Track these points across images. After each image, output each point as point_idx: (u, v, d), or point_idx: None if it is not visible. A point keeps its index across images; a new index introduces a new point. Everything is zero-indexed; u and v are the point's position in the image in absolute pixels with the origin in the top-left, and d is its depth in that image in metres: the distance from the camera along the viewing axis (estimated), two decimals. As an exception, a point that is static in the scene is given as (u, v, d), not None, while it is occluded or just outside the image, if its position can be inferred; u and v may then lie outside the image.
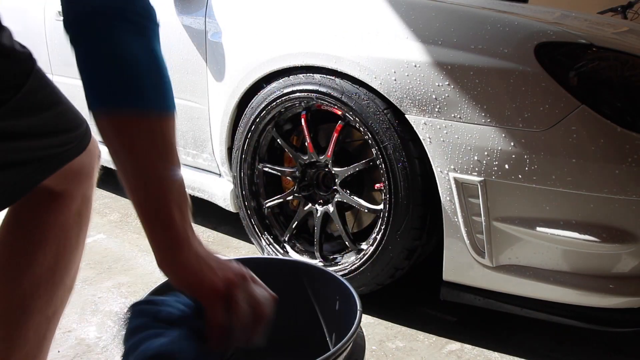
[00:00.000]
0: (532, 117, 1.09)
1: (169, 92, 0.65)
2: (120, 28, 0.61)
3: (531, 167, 1.10)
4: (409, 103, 1.22)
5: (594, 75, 1.10)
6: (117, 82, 0.61)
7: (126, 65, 0.62)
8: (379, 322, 1.42)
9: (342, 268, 1.45)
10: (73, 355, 1.26)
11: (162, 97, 0.64)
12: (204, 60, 1.68)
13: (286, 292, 1.11)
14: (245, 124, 1.57)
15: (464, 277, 1.26)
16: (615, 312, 1.15)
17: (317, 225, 1.52)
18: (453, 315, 1.46)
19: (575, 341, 1.37)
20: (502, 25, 1.15)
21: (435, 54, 1.18)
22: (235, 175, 1.65)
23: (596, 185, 1.07)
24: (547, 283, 1.17)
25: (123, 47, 0.62)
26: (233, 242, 1.93)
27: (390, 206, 1.31)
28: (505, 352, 1.30)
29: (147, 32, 0.64)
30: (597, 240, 1.10)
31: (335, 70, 1.35)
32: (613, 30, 1.53)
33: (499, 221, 1.17)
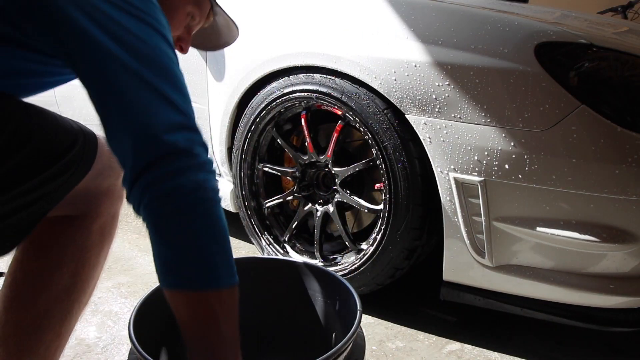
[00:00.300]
0: (532, 117, 1.09)
1: (232, 260, 0.68)
2: (189, 198, 0.63)
3: (531, 167, 1.10)
4: (409, 103, 1.22)
5: (594, 75, 1.10)
6: (193, 265, 0.64)
7: (200, 243, 0.64)
8: (379, 322, 1.42)
9: (342, 268, 1.45)
10: (73, 355, 1.26)
11: (231, 269, 0.67)
12: (204, 60, 1.68)
13: (286, 292, 1.11)
14: (245, 124, 1.57)
15: (464, 277, 1.26)
16: (615, 312, 1.15)
17: (317, 225, 1.52)
18: (453, 315, 1.46)
19: (575, 341, 1.37)
20: (502, 25, 1.15)
21: (435, 54, 1.18)
22: (235, 175, 1.65)
23: (596, 185, 1.07)
24: (547, 283, 1.17)
25: (193, 223, 0.64)
26: (233, 242, 1.92)
27: (390, 206, 1.31)
28: (505, 352, 1.30)
29: (211, 194, 0.66)
30: (597, 240, 1.10)
31: (335, 70, 1.35)
32: (613, 30, 1.53)
33: (499, 221, 1.17)
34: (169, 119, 0.63)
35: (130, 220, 2.09)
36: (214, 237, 0.66)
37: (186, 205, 0.63)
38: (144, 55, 0.63)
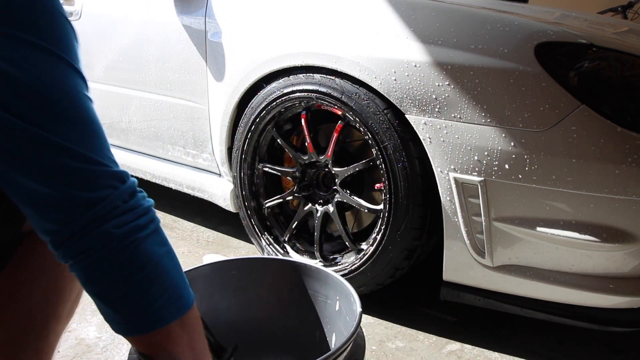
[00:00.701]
0: (532, 117, 1.09)
1: (181, 285, 0.65)
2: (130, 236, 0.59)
3: (531, 167, 1.10)
4: (409, 103, 1.22)
5: (594, 75, 1.11)
6: (136, 314, 0.61)
7: (133, 292, 0.60)
8: (379, 322, 1.42)
9: (342, 268, 1.45)
10: (73, 355, 1.26)
11: (179, 300, 0.64)
12: (204, 60, 1.68)
13: (286, 292, 1.11)
14: (245, 124, 1.57)
15: (464, 277, 1.26)
16: (615, 312, 1.15)
17: (317, 225, 1.52)
18: (453, 315, 1.46)
19: (575, 341, 1.37)
20: (502, 25, 1.15)
21: (435, 54, 1.18)
22: (235, 175, 1.65)
23: (596, 185, 1.07)
24: (547, 283, 1.17)
25: (116, 275, 0.59)
26: (233, 242, 1.93)
27: (390, 206, 1.31)
28: (505, 352, 1.30)
29: (151, 225, 0.62)
30: (597, 240, 1.10)
31: (335, 70, 1.35)
32: (613, 30, 1.53)
33: (499, 221, 1.17)
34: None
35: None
36: (148, 277, 0.61)
37: (101, 259, 0.58)
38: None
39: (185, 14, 1.71)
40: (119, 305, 0.61)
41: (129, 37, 1.88)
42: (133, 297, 0.61)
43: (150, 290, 0.61)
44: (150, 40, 1.83)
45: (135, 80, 1.89)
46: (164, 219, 2.11)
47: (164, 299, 0.62)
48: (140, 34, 1.85)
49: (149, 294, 0.61)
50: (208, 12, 1.65)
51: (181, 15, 1.72)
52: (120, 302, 0.61)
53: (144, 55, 1.85)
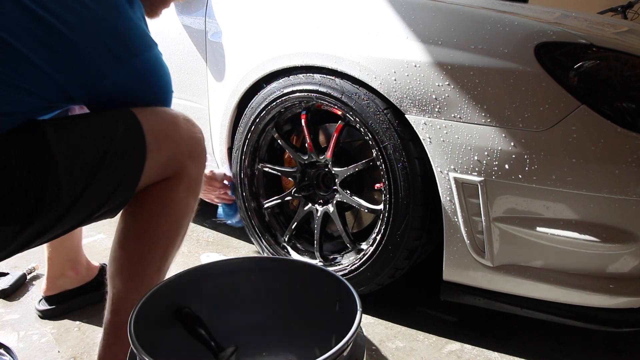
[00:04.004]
0: (532, 117, 1.09)
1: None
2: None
3: (531, 167, 1.10)
4: (409, 103, 1.22)
5: (594, 75, 1.10)
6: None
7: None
8: (379, 322, 1.42)
9: (342, 268, 1.45)
10: (73, 355, 1.26)
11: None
12: (204, 60, 1.68)
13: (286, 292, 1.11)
14: (245, 124, 1.57)
15: (464, 277, 1.26)
16: (615, 312, 1.15)
17: (317, 225, 1.52)
18: (453, 315, 1.46)
19: (575, 341, 1.37)
20: (502, 25, 1.15)
21: (435, 54, 1.18)
22: (235, 175, 1.65)
23: (596, 185, 1.07)
24: (547, 283, 1.17)
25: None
26: (233, 242, 1.93)
27: (390, 206, 1.31)
28: (505, 352, 1.30)
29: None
30: (597, 240, 1.10)
31: (335, 70, 1.35)
32: (613, 30, 1.53)
33: (499, 221, 1.17)
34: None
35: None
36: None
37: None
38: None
39: (185, 14, 1.71)
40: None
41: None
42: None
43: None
44: (150, 40, 1.83)
45: (135, 80, 1.88)
46: (164, 219, 2.11)
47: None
48: (140, 34, 1.85)
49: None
50: (208, 12, 1.65)
51: (181, 15, 1.72)
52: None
53: (144, 55, 1.85)
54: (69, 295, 1.43)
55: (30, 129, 0.78)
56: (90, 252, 1.51)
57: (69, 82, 0.81)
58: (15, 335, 1.33)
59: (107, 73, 0.83)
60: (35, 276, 1.62)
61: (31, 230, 0.79)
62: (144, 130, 0.88)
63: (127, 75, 0.86)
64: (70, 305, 1.43)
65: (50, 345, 1.29)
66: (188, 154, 0.96)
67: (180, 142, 0.94)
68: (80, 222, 0.88)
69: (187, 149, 0.96)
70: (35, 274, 1.63)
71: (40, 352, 1.27)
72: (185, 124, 0.97)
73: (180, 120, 0.97)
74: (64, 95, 0.82)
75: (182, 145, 0.95)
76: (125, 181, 0.87)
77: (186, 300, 1.02)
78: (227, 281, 1.09)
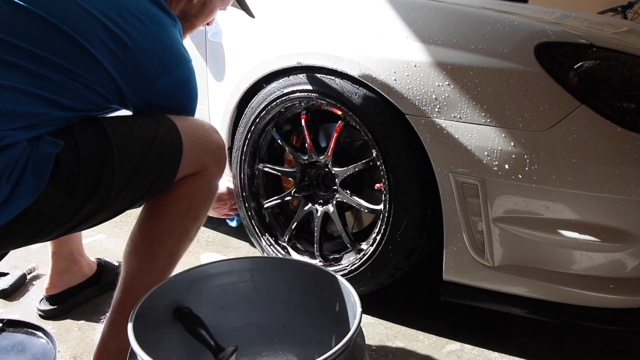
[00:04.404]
0: (532, 117, 1.09)
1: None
2: None
3: (531, 167, 1.10)
4: (409, 103, 1.22)
5: (594, 75, 1.10)
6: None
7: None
8: (379, 322, 1.42)
9: (342, 268, 1.45)
10: (73, 355, 1.26)
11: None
12: (204, 60, 1.69)
13: (286, 292, 1.11)
14: (245, 124, 1.57)
15: (464, 277, 1.26)
16: (615, 312, 1.15)
17: (317, 225, 1.52)
18: (453, 315, 1.46)
19: (575, 341, 1.37)
20: (502, 25, 1.15)
21: (435, 54, 1.18)
22: (235, 175, 1.65)
23: (596, 185, 1.07)
24: (547, 283, 1.17)
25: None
26: (233, 242, 1.93)
27: (390, 206, 1.31)
28: (505, 352, 1.30)
29: None
30: (597, 240, 1.10)
31: (335, 70, 1.35)
32: (613, 30, 1.53)
33: (499, 221, 1.17)
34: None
35: (131, 221, 2.09)
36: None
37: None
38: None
39: (185, 14, 1.71)
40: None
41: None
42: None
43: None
44: (150, 40, 1.83)
45: (135, 80, 1.89)
46: (164, 219, 2.11)
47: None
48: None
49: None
50: (208, 12, 1.65)
51: (181, 15, 1.72)
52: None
53: (144, 55, 1.85)
54: (72, 292, 1.43)
55: (91, 123, 0.94)
56: (90, 252, 1.52)
57: (126, 85, 0.95)
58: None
59: (155, 79, 0.98)
60: (35, 276, 1.62)
61: (89, 207, 0.92)
62: (180, 131, 1.02)
63: (170, 82, 1.01)
64: (73, 303, 1.43)
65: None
66: (212, 155, 1.09)
67: (207, 144, 1.09)
68: (127, 205, 1.01)
69: (212, 151, 1.09)
70: (35, 274, 1.63)
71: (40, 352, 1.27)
72: (210, 130, 1.12)
73: (207, 126, 1.13)
74: (121, 96, 0.96)
75: (208, 148, 1.09)
76: (165, 173, 1.01)
77: (186, 300, 1.02)
78: (227, 281, 1.09)
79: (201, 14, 1.21)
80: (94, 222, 0.99)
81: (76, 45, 0.88)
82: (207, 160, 1.08)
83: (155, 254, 1.05)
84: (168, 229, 1.05)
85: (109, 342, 1.04)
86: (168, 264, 1.07)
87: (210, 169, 1.09)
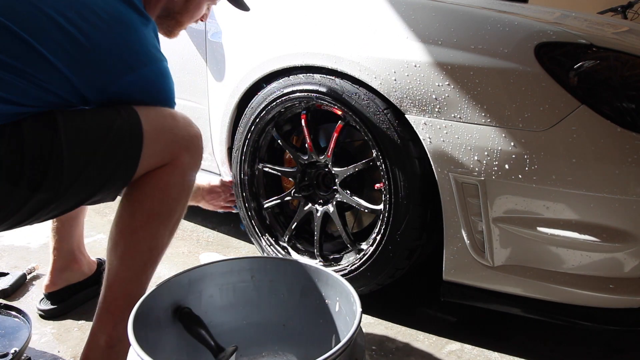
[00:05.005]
0: (532, 117, 1.09)
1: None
2: None
3: (531, 167, 1.10)
4: (409, 103, 1.22)
5: (594, 75, 1.10)
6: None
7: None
8: (379, 322, 1.42)
9: (342, 268, 1.45)
10: (73, 355, 1.26)
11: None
12: (204, 60, 1.68)
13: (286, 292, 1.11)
14: (245, 124, 1.57)
15: (464, 277, 1.26)
16: (615, 312, 1.15)
17: (317, 225, 1.52)
18: (453, 315, 1.46)
19: (575, 341, 1.37)
20: (502, 25, 1.15)
21: (435, 54, 1.18)
22: (235, 176, 1.65)
23: (596, 185, 1.07)
24: (547, 283, 1.17)
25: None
26: (233, 242, 1.93)
27: (390, 206, 1.31)
28: (505, 352, 1.30)
29: None
30: (597, 240, 1.10)
31: (335, 70, 1.35)
32: (613, 30, 1.53)
33: (499, 221, 1.17)
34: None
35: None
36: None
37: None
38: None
39: (185, 14, 1.71)
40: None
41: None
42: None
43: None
44: (150, 40, 1.83)
45: (135, 80, 1.89)
46: (164, 219, 2.11)
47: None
48: (140, 34, 1.85)
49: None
50: (208, 12, 1.65)
51: (181, 15, 1.72)
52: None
53: (144, 55, 1.85)
54: (72, 291, 1.43)
55: (44, 114, 0.91)
56: (90, 252, 1.51)
57: (83, 84, 0.93)
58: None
59: (117, 79, 0.97)
60: (35, 276, 1.62)
61: (39, 197, 0.90)
62: (142, 121, 0.99)
63: (134, 83, 0.99)
64: (73, 302, 1.43)
65: (50, 345, 1.30)
66: (184, 146, 1.06)
67: (176, 134, 1.05)
68: (82, 199, 0.99)
69: (184, 141, 1.06)
70: (35, 274, 1.63)
71: (40, 352, 1.27)
72: (182, 120, 1.08)
73: (178, 116, 1.08)
74: (79, 95, 0.94)
75: (178, 137, 1.06)
76: (124, 165, 0.99)
77: (186, 300, 1.02)
78: (227, 281, 1.09)
79: (186, 10, 1.19)
80: (49, 214, 0.97)
81: (27, 46, 0.87)
82: (177, 151, 1.05)
83: (132, 250, 1.04)
84: (143, 223, 1.04)
85: (97, 336, 1.06)
86: (148, 258, 1.07)
87: (182, 159, 1.06)
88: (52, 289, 1.41)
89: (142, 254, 1.06)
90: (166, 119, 1.05)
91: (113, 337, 1.05)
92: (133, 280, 1.06)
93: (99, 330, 1.06)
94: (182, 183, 1.08)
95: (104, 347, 1.05)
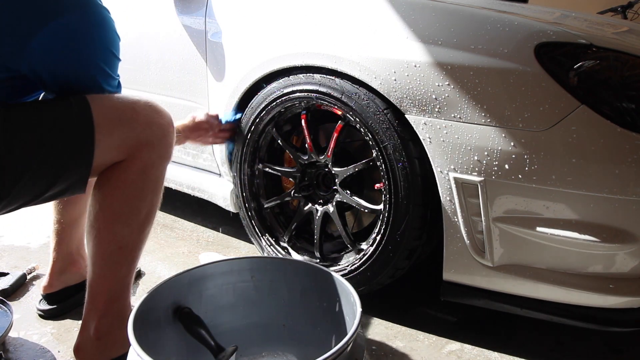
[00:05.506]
0: (532, 117, 1.09)
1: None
2: None
3: (531, 167, 1.10)
4: (409, 103, 1.22)
5: (594, 75, 1.10)
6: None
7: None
8: (379, 322, 1.42)
9: (342, 268, 1.45)
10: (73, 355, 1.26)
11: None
12: (204, 60, 1.69)
13: (286, 292, 1.11)
14: (245, 124, 1.57)
15: (464, 277, 1.26)
16: (615, 312, 1.15)
17: (317, 225, 1.52)
18: (453, 315, 1.46)
19: (575, 341, 1.37)
20: (502, 25, 1.15)
21: (435, 54, 1.18)
22: (235, 176, 1.65)
23: (596, 185, 1.07)
24: (547, 283, 1.17)
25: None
26: (233, 242, 1.93)
27: (390, 206, 1.31)
28: (505, 352, 1.30)
29: None
30: (597, 240, 1.10)
31: (335, 70, 1.35)
32: (613, 30, 1.53)
33: (498, 221, 1.17)
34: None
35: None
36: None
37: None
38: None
39: (185, 14, 1.71)
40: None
41: (128, 37, 1.88)
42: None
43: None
44: (150, 40, 1.83)
45: (135, 81, 1.89)
46: (164, 219, 2.11)
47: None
48: (140, 34, 1.85)
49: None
50: (208, 12, 1.65)
51: (181, 15, 1.72)
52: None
53: (144, 55, 1.85)
54: (69, 293, 1.43)
55: None
56: (90, 252, 1.51)
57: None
58: (15, 335, 1.33)
59: (33, 34, 0.88)
60: (35, 276, 1.62)
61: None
62: (93, 113, 0.93)
63: (53, 35, 0.89)
64: (72, 303, 1.43)
65: (50, 345, 1.29)
66: (144, 140, 1.00)
67: (134, 127, 0.99)
68: (37, 194, 0.94)
69: (144, 135, 1.00)
70: (35, 274, 1.63)
71: (40, 352, 1.27)
72: (145, 110, 1.01)
73: (140, 105, 1.01)
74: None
75: (137, 131, 0.99)
76: (76, 159, 0.93)
77: (186, 300, 1.02)
78: (227, 281, 1.09)
79: None
80: (2, 210, 0.94)
81: None
82: (136, 146, 0.99)
83: (101, 250, 1.02)
84: (105, 224, 1.00)
85: (86, 328, 1.11)
86: (120, 256, 1.04)
87: (141, 155, 1.00)
88: (50, 290, 1.41)
89: (111, 254, 1.03)
90: (124, 110, 0.98)
91: (100, 330, 1.08)
92: (109, 277, 1.06)
93: (87, 322, 1.10)
94: (143, 180, 1.02)
95: (93, 339, 1.09)
